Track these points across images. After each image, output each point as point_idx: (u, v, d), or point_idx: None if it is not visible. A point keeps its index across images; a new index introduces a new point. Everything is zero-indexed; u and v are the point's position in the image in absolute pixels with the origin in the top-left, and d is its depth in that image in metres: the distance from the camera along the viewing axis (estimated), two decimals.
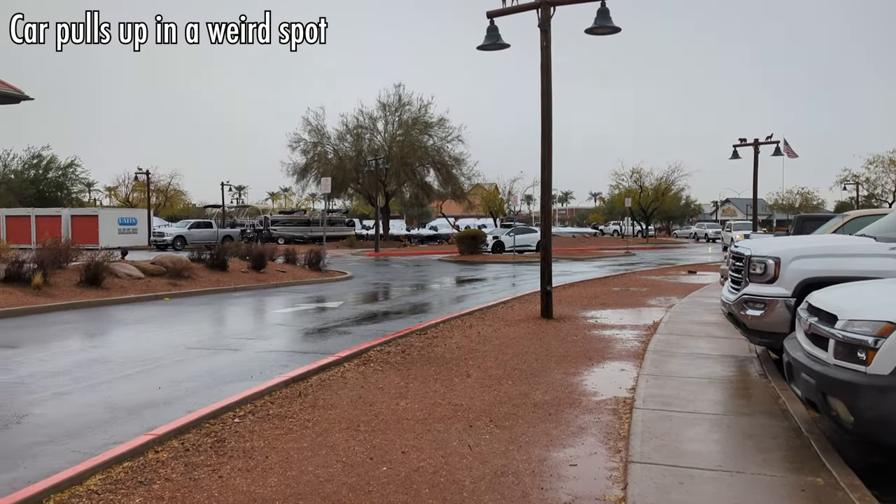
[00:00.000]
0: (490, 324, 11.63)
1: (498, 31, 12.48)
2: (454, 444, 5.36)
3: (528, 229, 41.00)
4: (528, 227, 42.43)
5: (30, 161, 60.73)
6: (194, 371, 8.16)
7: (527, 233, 39.57)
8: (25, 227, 44.75)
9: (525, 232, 39.67)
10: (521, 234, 38.45)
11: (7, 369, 8.20)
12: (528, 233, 39.60)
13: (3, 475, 4.77)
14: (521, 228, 40.59)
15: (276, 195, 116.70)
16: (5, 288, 14.00)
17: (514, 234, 37.85)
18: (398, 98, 51.21)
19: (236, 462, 5.01)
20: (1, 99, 27.77)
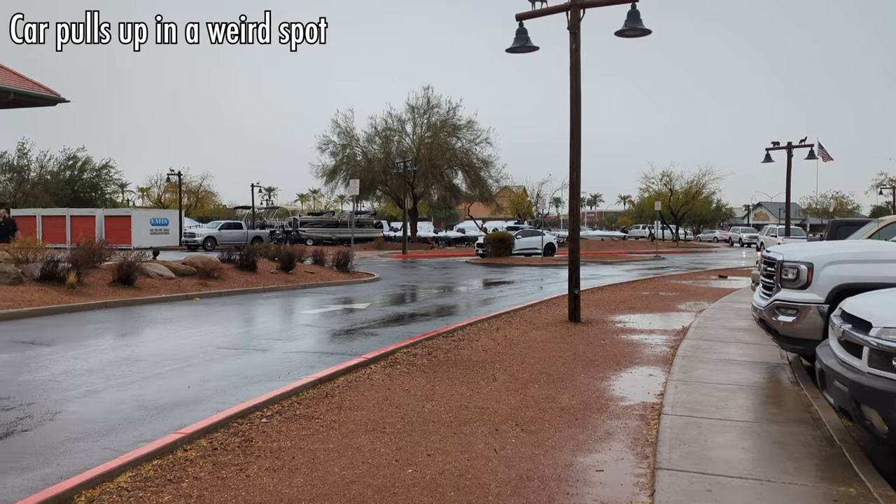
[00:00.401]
0: (517, 327, 11.59)
1: (527, 34, 12.45)
2: (480, 448, 5.35)
3: (534, 232, 40.25)
4: (534, 230, 41.58)
5: (65, 162, 62.01)
6: (223, 371, 8.25)
7: (533, 235, 38.89)
8: (60, 226, 45.68)
9: (533, 234, 39.10)
10: (527, 237, 38.03)
11: (42, 367, 8.38)
12: (534, 235, 38.90)
13: (37, 471, 4.87)
14: (527, 231, 40.17)
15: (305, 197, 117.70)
16: (41, 286, 14.30)
17: (521, 236, 37.45)
18: (427, 100, 51.35)
19: (263, 462, 5.05)
20: (38, 101, 28.44)
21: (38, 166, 61.20)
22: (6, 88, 25.73)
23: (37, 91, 27.30)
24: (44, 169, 61.36)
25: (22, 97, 26.57)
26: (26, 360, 8.81)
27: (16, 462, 5.03)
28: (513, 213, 61.95)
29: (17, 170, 59.97)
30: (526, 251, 37.01)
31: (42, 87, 27.73)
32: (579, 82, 12.14)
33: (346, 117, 51.99)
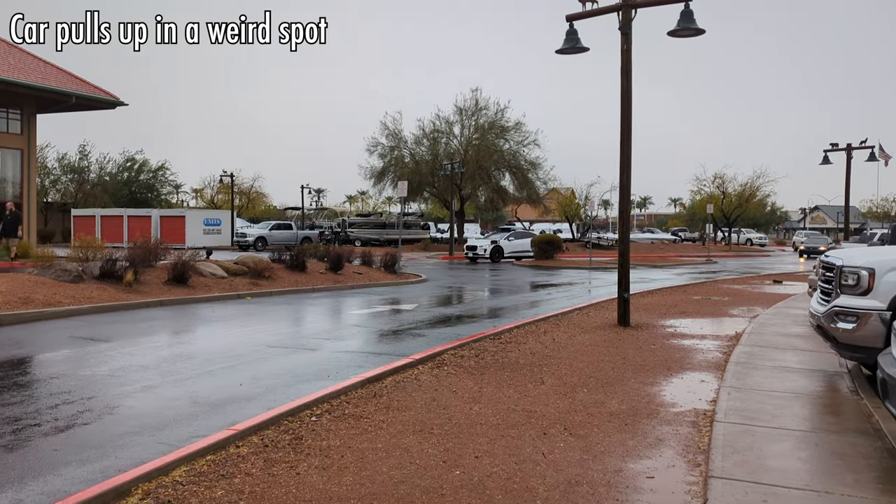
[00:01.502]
0: (565, 330, 11.49)
1: (577, 35, 12.34)
2: (528, 451, 5.32)
3: (527, 233, 38.60)
4: (527, 231, 39.99)
5: (123, 164, 64.00)
6: (274, 369, 8.39)
7: (526, 237, 37.41)
8: (118, 226, 47.11)
9: (525, 236, 37.48)
10: (520, 239, 36.49)
11: (101, 362, 8.65)
12: (527, 237, 37.44)
13: (96, 463, 5.03)
14: (520, 233, 38.50)
15: (353, 198, 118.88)
16: (100, 284, 14.77)
17: (514, 237, 36.03)
18: (475, 102, 51.33)
19: (313, 460, 5.11)
20: (98, 104, 29.41)
21: (98, 167, 63.35)
22: (68, 92, 26.70)
23: (97, 95, 28.25)
24: (103, 170, 63.48)
25: (83, 100, 27.55)
26: (86, 355, 9.11)
27: (76, 454, 5.21)
28: (560, 215, 61.39)
29: (78, 171, 62.17)
30: (517, 254, 35.59)
31: (102, 90, 28.68)
32: (630, 83, 11.98)
33: (394, 119, 52.39)
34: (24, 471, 4.84)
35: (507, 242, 35.58)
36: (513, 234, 36.33)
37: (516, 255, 35.48)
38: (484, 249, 34.98)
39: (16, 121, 26.56)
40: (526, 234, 38.19)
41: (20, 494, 4.43)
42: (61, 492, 4.46)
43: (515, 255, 35.51)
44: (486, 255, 34.84)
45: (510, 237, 36.02)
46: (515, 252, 35.43)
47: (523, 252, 35.46)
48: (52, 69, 27.95)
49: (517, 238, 36.21)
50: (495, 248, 35.05)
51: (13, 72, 25.04)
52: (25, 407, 6.49)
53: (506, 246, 35.22)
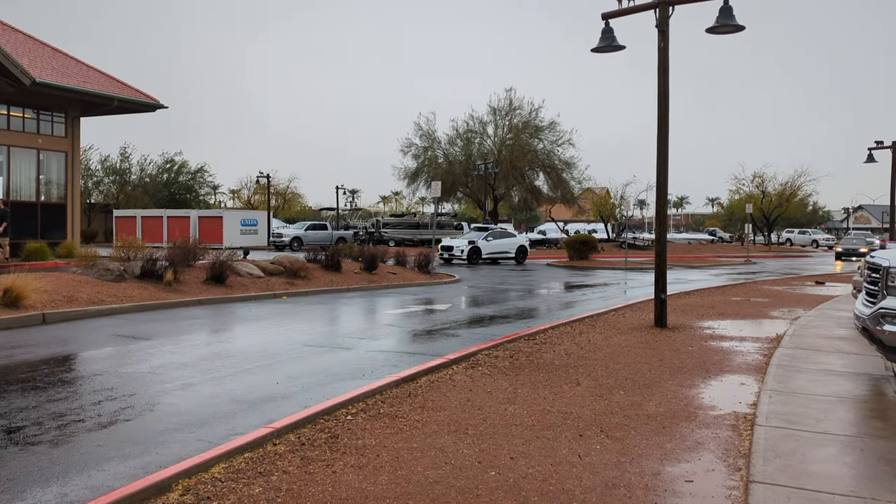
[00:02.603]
0: (601, 331, 11.38)
1: (613, 33, 12.23)
2: (564, 453, 5.27)
3: (506, 233, 35.88)
4: (505, 231, 36.90)
5: (163, 165, 65.29)
6: (309, 368, 8.46)
7: (505, 237, 34.78)
8: (158, 226, 48.03)
9: (504, 236, 34.87)
10: (498, 239, 34.03)
11: (142, 360, 8.82)
12: (506, 237, 34.81)
13: (138, 459, 5.12)
14: (498, 232, 35.55)
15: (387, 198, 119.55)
16: (141, 283, 15.07)
17: (493, 237, 33.57)
18: (509, 102, 51.23)
19: (349, 458, 5.14)
20: (139, 108, 30.02)
21: (139, 169, 64.73)
22: (110, 95, 27.30)
23: (138, 98, 28.84)
24: (143, 172, 64.84)
25: (124, 103, 28.15)
26: (128, 353, 9.30)
27: (119, 450, 5.31)
28: (595, 215, 60.92)
29: (119, 172, 63.61)
30: (495, 256, 33.37)
31: (143, 93, 29.27)
32: (667, 81, 11.82)
33: (427, 120, 52.55)
34: (68, 465, 4.95)
35: (485, 243, 33.11)
36: (491, 234, 33.70)
37: (494, 257, 33.32)
38: (461, 250, 32.50)
39: (60, 124, 27.26)
40: (506, 234, 35.68)
41: (65, 489, 4.53)
42: (104, 486, 4.55)
43: (494, 256, 33.38)
44: (463, 257, 32.50)
45: (488, 237, 33.45)
46: (494, 253, 33.26)
47: (503, 253, 33.28)
48: (95, 73, 28.61)
49: (496, 238, 33.74)
50: (473, 249, 32.61)
51: (58, 76, 25.70)
52: (70, 403, 6.65)
53: (484, 247, 32.85)
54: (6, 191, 25.63)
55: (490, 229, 34.68)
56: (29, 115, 26.32)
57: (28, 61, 24.63)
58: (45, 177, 26.92)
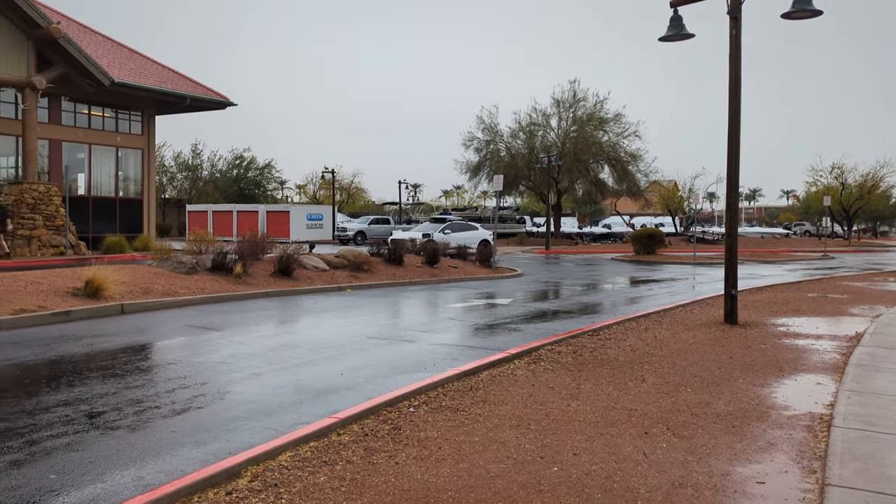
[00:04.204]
0: (667, 327, 11.14)
1: (681, 21, 11.91)
2: (628, 450, 5.18)
3: (466, 226, 31.60)
4: (466, 223, 32.45)
5: (233, 161, 67.21)
6: (372, 359, 8.56)
7: (465, 230, 30.44)
8: (228, 221, 49.45)
9: (463, 229, 30.51)
10: (458, 232, 29.62)
11: (213, 350, 9.11)
12: (466, 230, 30.45)
13: (209, 445, 5.29)
14: (458, 224, 31.61)
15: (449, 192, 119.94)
16: (212, 276, 15.55)
17: (451, 230, 29.50)
18: (573, 94, 50.69)
19: (411, 450, 5.18)
20: (210, 105, 30.93)
21: (210, 165, 66.83)
22: (183, 94, 28.22)
23: (209, 96, 29.74)
24: (214, 168, 66.90)
25: (196, 101, 29.08)
26: (200, 343, 9.62)
27: (192, 437, 5.50)
28: (662, 208, 59.65)
29: (191, 168, 65.83)
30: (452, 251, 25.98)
31: (213, 91, 30.16)
32: (739, 70, 11.44)
33: (490, 113, 52.49)
34: (145, 450, 5.16)
35: (441, 236, 28.36)
36: (449, 227, 29.61)
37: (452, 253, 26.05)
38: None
39: (137, 122, 28.36)
40: (466, 226, 31.41)
41: (142, 472, 4.72)
42: (178, 471, 4.72)
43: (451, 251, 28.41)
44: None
45: (446, 230, 29.27)
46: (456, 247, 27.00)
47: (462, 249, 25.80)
48: (169, 72, 29.63)
49: (455, 231, 29.34)
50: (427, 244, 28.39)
51: (135, 76, 26.72)
52: (146, 390, 6.92)
53: (441, 240, 27.17)
54: (87, 187, 26.85)
55: (448, 221, 30.77)
56: (108, 115, 27.48)
57: (107, 62, 25.69)
58: (122, 173, 28.08)
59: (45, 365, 8.07)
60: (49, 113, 25.12)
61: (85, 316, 11.52)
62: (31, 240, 22.07)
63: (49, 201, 22.85)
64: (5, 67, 22.05)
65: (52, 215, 22.82)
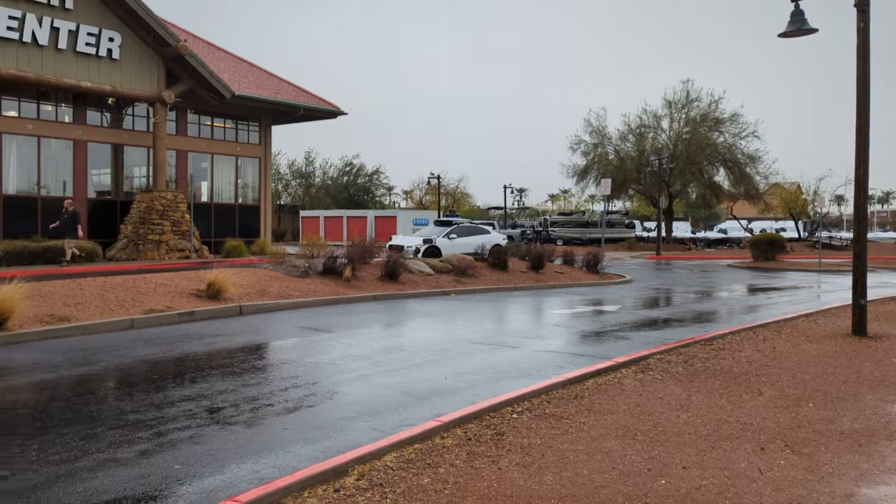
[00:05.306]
0: (788, 338, 10.54)
1: (803, 15, 11.27)
2: (742, 466, 4.95)
3: (476, 229, 27.87)
4: (476, 226, 28.79)
5: (343, 168, 69.52)
6: (476, 364, 8.60)
7: (474, 234, 26.78)
8: (339, 226, 51.16)
9: (472, 233, 26.91)
10: (465, 237, 26.15)
11: (323, 351, 9.43)
12: (475, 234, 26.81)
13: (319, 443, 5.48)
14: (465, 228, 27.65)
15: (555, 197, 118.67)
16: (322, 279, 16.13)
17: (457, 235, 26.20)
18: (686, 94, 48.97)
19: (514, 456, 5.16)
20: (322, 115, 32.11)
21: (322, 172, 69.43)
22: (297, 104, 29.45)
23: (321, 105, 30.89)
24: (326, 175, 69.43)
25: (309, 111, 30.28)
26: (311, 344, 9.99)
27: (303, 434, 5.72)
28: (783, 212, 56.50)
29: (304, 176, 68.63)
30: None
31: (325, 101, 31.31)
32: (868, 65, 10.69)
33: (598, 116, 51.56)
34: (260, 445, 5.41)
35: (446, 241, 25.50)
36: (455, 231, 26.50)
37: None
38: (415, 251, 24.69)
39: (255, 132, 29.85)
40: (475, 229, 27.77)
41: (256, 466, 4.96)
42: (290, 466, 4.92)
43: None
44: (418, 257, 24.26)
45: (451, 234, 26.21)
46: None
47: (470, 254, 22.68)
48: (284, 84, 31.03)
49: (462, 236, 26.22)
50: (430, 250, 24.71)
51: (253, 88, 28.16)
52: (261, 388, 7.26)
53: (445, 246, 24.97)
54: (209, 194, 28.52)
55: (454, 224, 27.69)
56: (229, 125, 29.09)
57: (228, 76, 27.22)
58: (241, 181, 29.62)
59: (171, 362, 8.63)
60: (176, 125, 26.87)
61: (206, 316, 12.23)
62: (159, 244, 23.69)
63: (176, 208, 24.44)
64: (139, 84, 23.81)
65: (178, 221, 24.40)
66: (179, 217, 24.46)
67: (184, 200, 24.82)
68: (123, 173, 25.90)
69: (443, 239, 25.77)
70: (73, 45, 22.01)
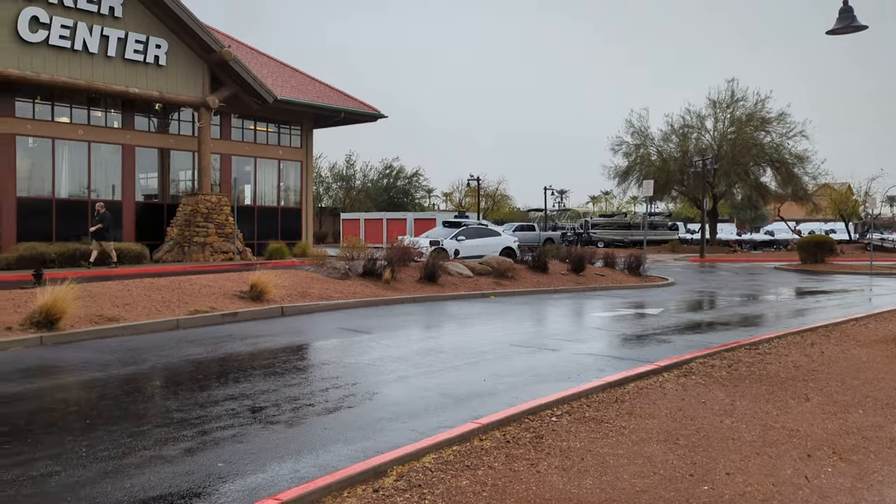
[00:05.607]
0: (837, 343, 10.26)
1: (852, 12, 10.98)
2: (787, 473, 4.83)
3: (485, 231, 26.50)
4: (485, 228, 27.32)
5: (383, 171, 70.02)
6: (515, 367, 8.57)
7: (484, 236, 25.59)
8: (378, 228, 51.53)
9: (481, 235, 25.63)
10: (474, 239, 24.92)
11: (363, 352, 9.51)
12: (485, 236, 25.62)
13: (358, 444, 5.53)
14: (474, 230, 26.12)
15: (596, 198, 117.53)
16: (362, 281, 16.26)
17: (466, 237, 24.91)
18: (730, 94, 48.06)
19: (553, 459, 5.13)
20: (362, 118, 32.37)
21: (362, 175, 70.04)
22: (338, 108, 29.78)
23: (361, 109, 31.16)
24: (366, 178, 70.01)
25: (350, 115, 30.59)
26: (351, 345, 10.08)
27: (343, 434, 5.77)
28: (833, 213, 54.99)
29: (345, 178, 69.30)
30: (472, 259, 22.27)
31: (365, 104, 31.57)
32: None
33: (640, 117, 50.96)
34: (300, 445, 5.48)
35: (454, 243, 24.08)
36: (463, 233, 25.16)
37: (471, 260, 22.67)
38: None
39: (297, 136, 30.26)
40: (485, 231, 26.46)
41: (297, 465, 5.02)
42: (330, 466, 4.97)
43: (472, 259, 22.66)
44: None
45: (459, 236, 24.82)
46: (470, 258, 22.54)
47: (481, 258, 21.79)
48: (325, 88, 31.39)
49: (470, 238, 24.92)
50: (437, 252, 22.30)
51: (295, 93, 28.55)
52: (302, 388, 7.35)
53: (453, 248, 23.90)
54: (253, 197, 29.01)
55: (463, 225, 26.49)
56: (271, 129, 29.55)
57: (271, 81, 27.65)
58: (283, 184, 30.05)
59: (215, 361, 8.80)
60: (220, 129, 27.40)
61: (249, 317, 12.43)
62: (204, 246, 24.18)
63: (220, 211, 24.92)
64: (185, 89, 24.35)
65: (222, 223, 24.87)
66: (223, 220, 24.93)
67: (228, 203, 25.29)
68: (170, 177, 26.50)
69: (451, 241, 24.57)
70: (122, 52, 22.62)
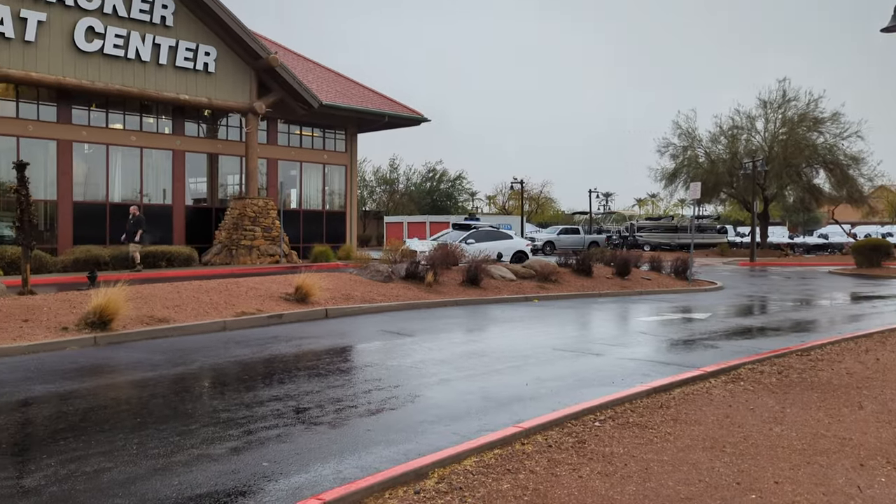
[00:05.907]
0: (893, 349, 9.92)
1: None
2: (839, 483, 4.69)
3: (497, 234, 25.58)
4: (497, 231, 26.20)
5: (426, 174, 70.32)
6: (558, 371, 8.51)
7: (495, 239, 24.78)
8: (422, 231, 51.63)
9: (493, 238, 24.79)
10: (485, 242, 23.97)
11: (405, 354, 9.56)
12: (496, 239, 24.83)
13: (400, 446, 5.56)
14: (485, 232, 25.27)
15: (642, 201, 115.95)
16: (405, 284, 16.34)
17: (476, 240, 24.10)
18: (782, 94, 46.86)
19: (595, 465, 5.08)
20: (405, 122, 32.59)
21: (405, 179, 70.44)
22: (382, 112, 30.04)
23: (405, 113, 31.37)
24: (409, 181, 70.40)
25: (394, 119, 30.82)
26: (394, 347, 10.14)
27: (385, 436, 5.81)
28: (890, 215, 53.25)
29: (389, 182, 69.82)
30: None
31: (409, 108, 31.78)
32: None
33: (687, 118, 50.02)
34: (343, 446, 5.54)
35: (463, 247, 22.07)
36: (473, 236, 24.47)
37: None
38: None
39: (341, 140, 30.62)
40: (497, 234, 25.63)
41: (340, 466, 5.07)
42: (372, 467, 5.01)
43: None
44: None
45: (469, 239, 24.04)
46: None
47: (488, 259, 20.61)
48: (369, 92, 31.70)
49: (481, 241, 24.01)
50: None
51: (340, 97, 28.90)
52: (346, 390, 7.43)
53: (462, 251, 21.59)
54: (299, 201, 29.45)
55: (474, 227, 25.79)
56: (316, 134, 29.97)
57: (316, 87, 28.04)
58: (328, 188, 30.44)
59: (261, 362, 8.95)
60: (267, 135, 27.89)
61: (294, 319, 12.61)
62: (251, 249, 24.63)
63: (266, 214, 25.37)
64: (233, 95, 24.87)
65: (269, 227, 25.31)
66: (270, 223, 25.37)
67: (274, 207, 25.72)
68: (218, 181, 27.09)
69: (459, 244, 23.02)
70: (173, 60, 23.22)
